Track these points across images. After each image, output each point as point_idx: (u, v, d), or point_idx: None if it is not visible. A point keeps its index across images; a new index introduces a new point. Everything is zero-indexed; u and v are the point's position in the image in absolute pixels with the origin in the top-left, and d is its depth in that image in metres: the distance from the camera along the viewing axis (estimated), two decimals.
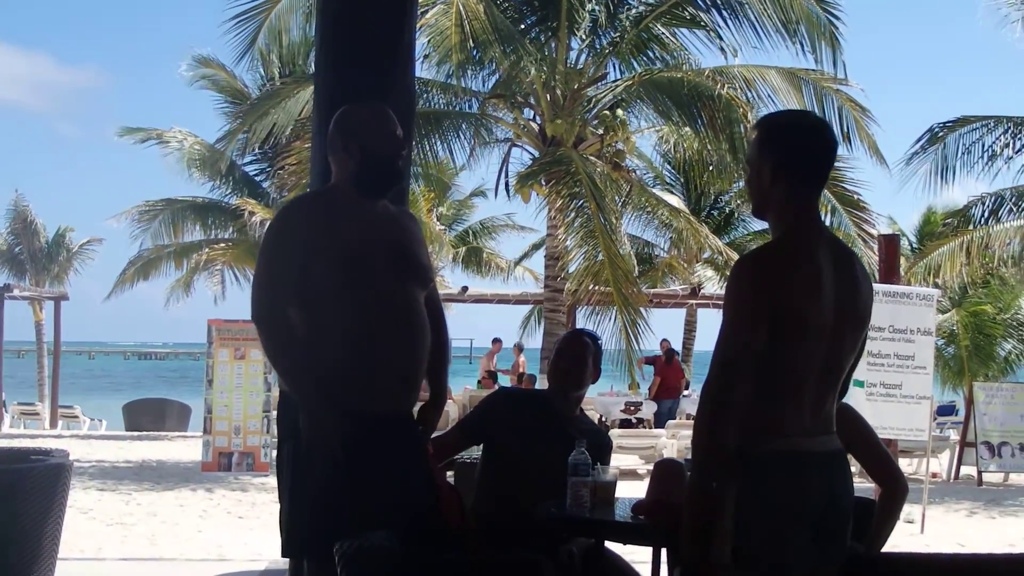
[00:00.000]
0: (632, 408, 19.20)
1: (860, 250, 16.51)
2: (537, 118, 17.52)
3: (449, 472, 4.82)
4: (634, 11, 17.31)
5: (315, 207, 3.84)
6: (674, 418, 18.91)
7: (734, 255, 20.80)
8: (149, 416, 23.71)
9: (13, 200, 32.82)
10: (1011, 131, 15.64)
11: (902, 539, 9.05)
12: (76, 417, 24.47)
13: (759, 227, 25.21)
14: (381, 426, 3.66)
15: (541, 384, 17.39)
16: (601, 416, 19.12)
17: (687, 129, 17.50)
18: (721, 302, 3.20)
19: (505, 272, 30.53)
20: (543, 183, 16.55)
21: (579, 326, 16.20)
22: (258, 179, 24.00)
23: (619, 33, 17.20)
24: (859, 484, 3.38)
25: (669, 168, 26.35)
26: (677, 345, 24.30)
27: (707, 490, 3.03)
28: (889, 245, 11.12)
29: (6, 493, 5.29)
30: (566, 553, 4.23)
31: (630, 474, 13.55)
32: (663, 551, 3.98)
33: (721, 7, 16.59)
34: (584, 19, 16.96)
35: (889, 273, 10.59)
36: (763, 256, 3.23)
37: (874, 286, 9.99)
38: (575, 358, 4.52)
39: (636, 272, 18.17)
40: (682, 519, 3.09)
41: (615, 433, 15.51)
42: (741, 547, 2.99)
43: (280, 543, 3.79)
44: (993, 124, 15.79)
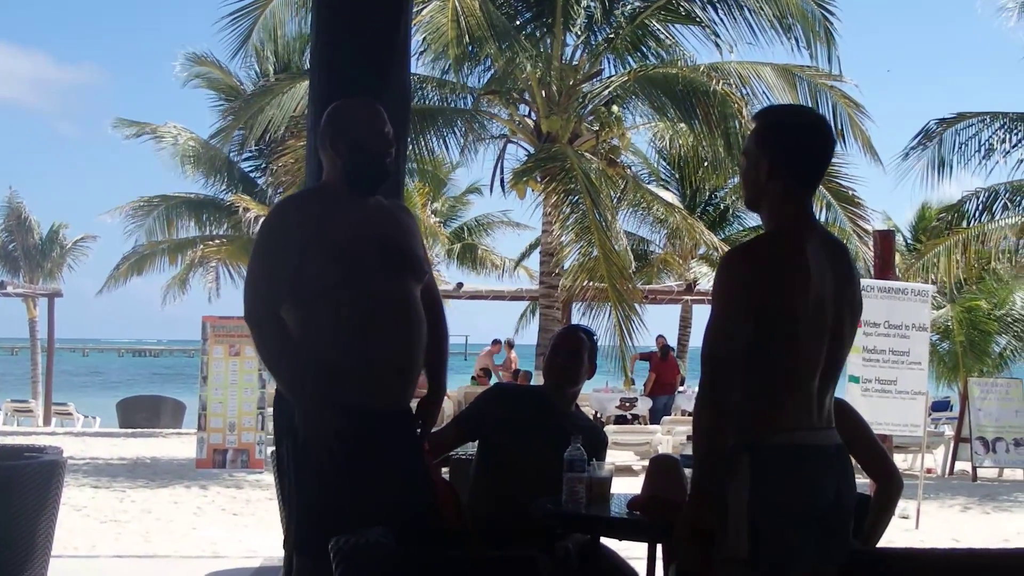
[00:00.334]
0: (627, 404, 19.19)
1: (855, 246, 16.54)
2: (532, 114, 17.52)
3: (445, 468, 4.82)
4: (629, 7, 17.31)
5: (307, 204, 3.83)
6: (669, 414, 18.91)
7: None
8: (143, 413, 23.69)
9: (7, 197, 32.82)
10: (1007, 127, 15.66)
11: (897, 535, 9.05)
12: (70, 414, 24.41)
13: (754, 223, 25.18)
14: (378, 422, 3.65)
15: (536, 380, 17.39)
16: (596, 412, 19.13)
17: (682, 125, 17.51)
18: None
19: (500, 269, 30.52)
20: (538, 179, 16.55)
21: (574, 322, 16.20)
22: (253, 175, 23.96)
23: (614, 29, 17.20)
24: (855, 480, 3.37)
25: (664, 164, 26.30)
26: (672, 341, 24.32)
27: (711, 491, 3.02)
28: (884, 241, 11.11)
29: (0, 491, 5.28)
30: (562, 549, 4.23)
31: (625, 470, 13.54)
32: (659, 547, 3.98)
33: (716, 3, 16.61)
34: (579, 15, 16.94)
35: (884, 269, 10.58)
36: (752, 249, 3.22)
37: (869, 282, 10.09)
38: (571, 354, 4.51)
39: (632, 268, 18.16)
40: (682, 519, 3.08)
41: (610, 429, 15.52)
42: (752, 542, 2.97)
43: (282, 539, 3.79)
44: (990, 120, 15.81)
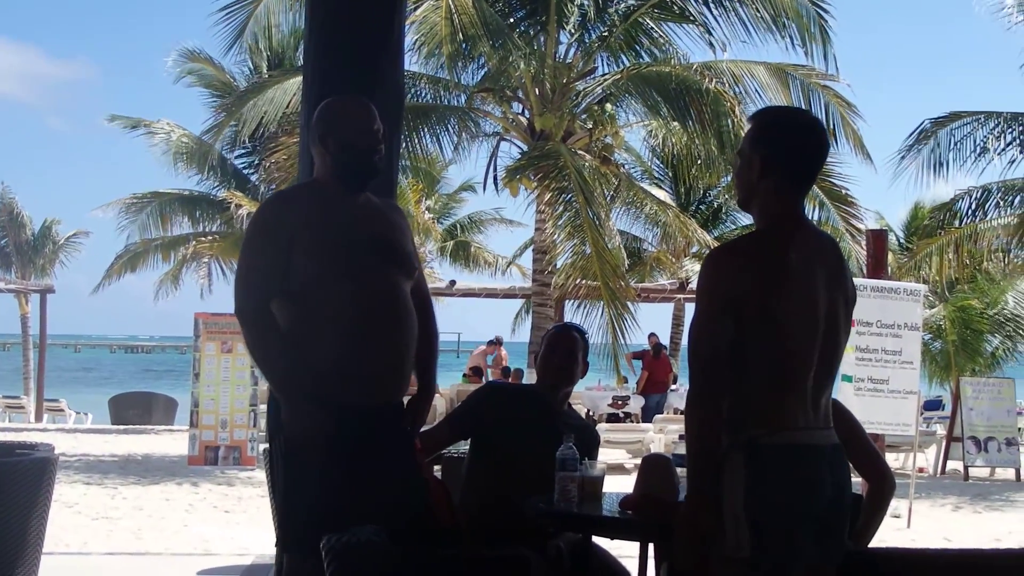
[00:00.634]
0: (619, 402, 19.22)
1: (848, 245, 16.56)
2: (526, 112, 17.50)
3: (437, 466, 4.81)
4: (623, 5, 17.31)
5: (298, 200, 3.83)
6: (662, 412, 18.93)
7: None
8: (135, 410, 23.64)
9: None
10: (1001, 126, 15.68)
11: (889, 534, 9.05)
12: (62, 411, 24.38)
13: (747, 221, 25.18)
14: (369, 418, 3.64)
15: (528, 378, 17.39)
16: (588, 410, 19.15)
17: (675, 123, 17.48)
18: None
19: (493, 266, 30.52)
20: (531, 177, 16.53)
21: (567, 320, 16.19)
22: (246, 172, 23.92)
23: (608, 27, 17.19)
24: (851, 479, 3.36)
25: (658, 162, 26.29)
26: (665, 339, 24.34)
27: (706, 491, 3.02)
28: (877, 240, 11.13)
29: None
30: (554, 548, 4.22)
31: (617, 469, 13.55)
32: (650, 546, 3.97)
33: (711, 1, 16.59)
34: (573, 13, 16.93)
35: (877, 268, 10.60)
36: (736, 247, 3.22)
37: (862, 281, 10.09)
38: (568, 354, 4.49)
39: (625, 266, 18.16)
40: (679, 521, 3.07)
41: (602, 427, 15.51)
42: (751, 541, 2.97)
43: (275, 537, 3.78)
44: (984, 119, 15.83)
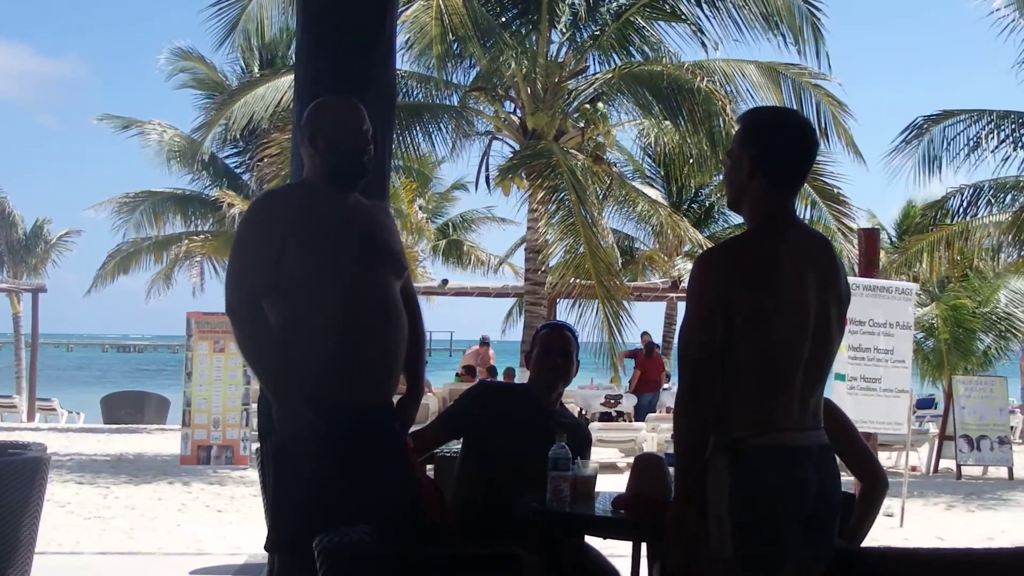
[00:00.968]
0: (612, 401, 19.22)
1: (840, 244, 16.55)
2: (518, 111, 17.51)
3: (429, 466, 4.81)
4: (614, 4, 17.33)
5: (288, 199, 3.83)
6: (654, 411, 18.94)
7: None
8: (127, 409, 23.62)
9: None
10: (993, 123, 15.70)
11: (881, 533, 9.08)
12: (54, 410, 24.34)
13: (739, 220, 25.06)
14: (360, 417, 3.64)
15: (520, 377, 17.39)
16: (581, 409, 19.16)
17: (667, 122, 17.49)
18: None
19: (485, 265, 30.53)
20: (524, 176, 16.54)
21: (560, 319, 16.19)
22: (238, 171, 23.92)
23: (600, 26, 17.20)
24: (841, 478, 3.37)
25: (649, 161, 26.29)
26: (657, 338, 24.35)
27: (694, 492, 3.03)
28: (869, 239, 11.13)
29: None
30: (546, 548, 4.22)
31: (610, 468, 13.54)
32: (643, 546, 3.97)
33: (702, 0, 16.59)
34: (565, 12, 16.94)
35: (869, 267, 10.60)
36: (726, 248, 3.23)
37: (854, 280, 10.09)
38: (564, 354, 4.48)
39: (618, 265, 18.16)
40: (668, 521, 3.08)
41: (595, 426, 15.53)
42: (736, 542, 2.98)
43: (266, 538, 3.77)
44: (976, 117, 15.85)
